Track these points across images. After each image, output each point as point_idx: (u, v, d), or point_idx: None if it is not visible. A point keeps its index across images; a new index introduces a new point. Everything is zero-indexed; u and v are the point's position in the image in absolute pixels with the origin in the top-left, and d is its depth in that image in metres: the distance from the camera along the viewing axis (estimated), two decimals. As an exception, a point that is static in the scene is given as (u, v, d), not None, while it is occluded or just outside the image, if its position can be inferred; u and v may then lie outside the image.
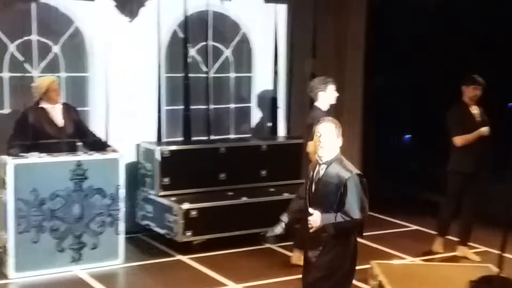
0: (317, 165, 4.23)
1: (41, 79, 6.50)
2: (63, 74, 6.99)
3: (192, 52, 7.71)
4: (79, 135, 6.54)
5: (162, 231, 6.96)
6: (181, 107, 7.68)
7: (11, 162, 5.87)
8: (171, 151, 7.15)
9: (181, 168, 7.12)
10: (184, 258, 6.62)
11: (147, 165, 7.21)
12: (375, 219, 8.31)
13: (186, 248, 6.74)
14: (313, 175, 4.25)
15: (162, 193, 7.03)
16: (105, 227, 6.28)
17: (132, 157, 7.25)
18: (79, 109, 6.79)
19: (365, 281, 5.72)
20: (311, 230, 4.18)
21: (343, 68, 8.42)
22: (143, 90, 7.36)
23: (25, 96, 6.57)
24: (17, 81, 6.74)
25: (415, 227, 7.93)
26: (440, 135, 6.95)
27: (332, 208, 4.11)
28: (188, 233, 6.73)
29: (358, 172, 4.21)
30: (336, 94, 6.42)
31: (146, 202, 7.21)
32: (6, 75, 6.73)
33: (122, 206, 6.41)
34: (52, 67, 6.91)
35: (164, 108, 7.57)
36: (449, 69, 8.35)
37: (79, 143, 6.55)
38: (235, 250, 6.84)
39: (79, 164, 6.13)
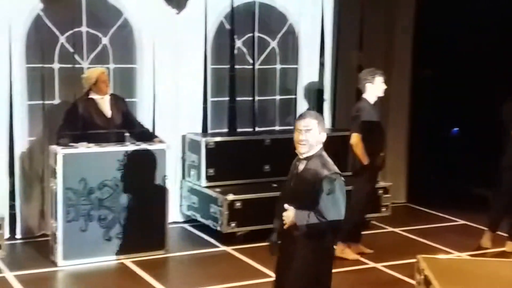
0: (298, 160, 4.06)
1: (90, 70, 6.61)
2: (111, 66, 7.08)
3: (239, 43, 7.73)
4: (127, 125, 6.63)
5: (206, 222, 7.02)
6: (227, 98, 7.71)
7: (60, 152, 5.98)
8: (216, 143, 7.19)
9: (226, 160, 7.15)
10: (228, 249, 6.66)
11: (192, 156, 7.27)
12: (421, 213, 8.23)
13: (230, 239, 6.78)
14: (292, 170, 4.09)
15: (207, 184, 7.08)
16: (151, 216, 6.36)
17: (178, 148, 7.32)
18: (127, 100, 6.88)
19: (411, 276, 5.65)
20: (284, 226, 4.01)
21: (391, 60, 8.31)
22: (189, 81, 7.40)
23: (75, 87, 6.69)
24: (67, 72, 6.86)
25: (462, 222, 7.80)
26: (489, 129, 6.81)
27: (308, 206, 3.90)
28: (233, 224, 6.76)
29: (337, 171, 3.98)
30: (384, 86, 6.35)
31: (192, 193, 7.27)
32: (56, 66, 6.86)
33: (168, 196, 6.48)
34: (101, 59, 7.01)
35: (210, 99, 7.62)
36: (502, 61, 8.17)
37: (127, 134, 6.65)
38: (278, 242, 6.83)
39: (126, 154, 6.22)
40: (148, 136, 6.63)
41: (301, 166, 4.00)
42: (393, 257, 6.41)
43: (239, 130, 7.74)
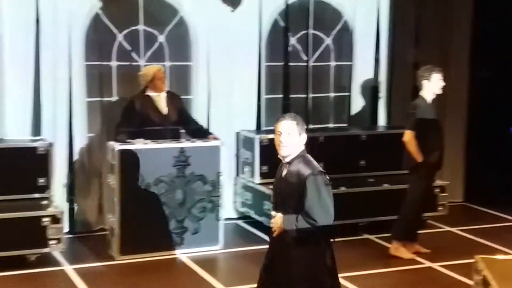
0: (282, 165, 3.99)
1: (147, 68, 6.71)
2: (167, 63, 7.18)
3: (293, 40, 7.72)
4: (182, 122, 6.71)
5: (260, 218, 7.04)
6: (281, 96, 7.71)
7: (118, 148, 6.10)
8: (270, 140, 7.19)
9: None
10: (282, 246, 6.66)
11: (246, 153, 7.30)
12: (479, 212, 8.07)
13: (284, 236, 6.78)
14: (278, 174, 4.02)
15: (261, 181, 7.10)
16: (206, 212, 6.43)
17: (232, 145, 7.37)
18: (182, 97, 6.96)
19: (469, 276, 5.55)
20: (274, 234, 3.94)
21: (448, 58, 8.15)
22: (243, 79, 7.44)
23: (132, 85, 6.80)
24: (125, 70, 6.98)
25: (521, 222, 7.63)
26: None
27: (295, 209, 3.83)
28: (286, 221, 6.76)
29: (320, 169, 3.89)
30: (441, 84, 6.25)
31: (245, 190, 7.31)
32: (114, 64, 6.99)
33: (222, 192, 6.53)
34: (157, 56, 7.11)
35: (264, 96, 7.63)
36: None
37: (182, 131, 6.73)
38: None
39: (182, 151, 6.29)
40: (203, 133, 6.69)
41: (284, 171, 3.94)
42: (449, 257, 6.30)
43: (293, 127, 7.72)
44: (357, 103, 8.07)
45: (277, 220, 3.91)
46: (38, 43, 6.58)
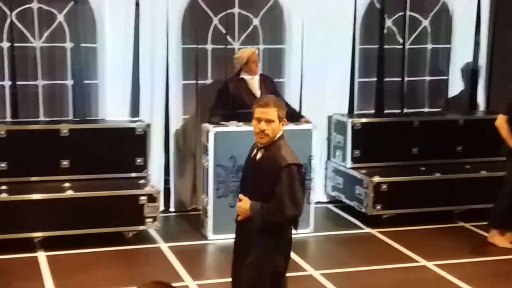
0: (256, 148, 3.84)
1: (242, 51, 6.77)
2: (261, 46, 7.22)
3: (389, 22, 7.57)
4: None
5: (351, 203, 7.00)
6: (375, 79, 7.60)
7: (212, 130, 6.22)
8: (363, 124, 7.12)
9: (373, 141, 7.07)
10: (373, 232, 6.61)
11: (338, 137, 7.26)
12: None
13: (375, 221, 6.72)
14: (250, 157, 3.85)
15: (353, 165, 7.05)
16: (297, 195, 6.44)
17: (324, 129, 7.34)
18: (275, 80, 6.99)
19: None
20: (238, 218, 3.83)
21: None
22: (337, 62, 7.37)
23: (226, 67, 6.89)
24: (219, 53, 7.08)
25: None
26: None
27: (264, 197, 3.71)
28: (378, 207, 6.69)
29: (297, 161, 3.73)
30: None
31: (337, 174, 7.28)
32: (209, 47, 7.09)
33: (313, 176, 6.53)
34: (251, 39, 7.16)
35: (357, 80, 7.54)
36: None
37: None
38: (425, 226, 6.68)
39: (274, 133, 6.32)
40: (295, 116, 6.70)
41: (259, 154, 3.80)
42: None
43: (386, 111, 7.61)
44: (455, 87, 7.83)
45: (244, 204, 3.81)
46: (137, 26, 6.77)
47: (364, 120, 7.18)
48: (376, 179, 6.70)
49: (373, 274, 5.61)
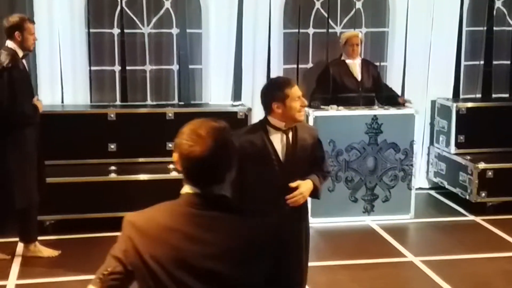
0: (268, 133, 3.63)
1: (344, 35, 6.74)
2: (363, 29, 7.14)
3: (498, 3, 7.28)
4: (376, 89, 6.69)
5: (454, 190, 6.84)
6: (482, 62, 7.34)
7: (312, 114, 6.25)
8: (468, 108, 6.92)
9: (478, 126, 6.86)
10: (477, 219, 6.44)
11: (442, 121, 7.09)
12: None
13: (479, 209, 6.55)
14: (267, 152, 3.60)
15: (457, 151, 6.88)
16: (397, 181, 6.39)
17: (427, 113, 7.19)
18: (377, 64, 6.92)
19: None
20: (295, 204, 3.62)
21: None
22: (442, 44, 7.18)
23: (327, 51, 6.89)
24: (321, 37, 7.07)
25: None
26: None
27: (304, 173, 3.68)
28: (483, 194, 6.51)
29: None
30: None
31: (440, 159, 7.12)
32: (311, 31, 7.09)
33: (415, 161, 6.44)
34: (354, 23, 7.10)
35: (463, 63, 7.32)
36: None
37: (376, 98, 6.70)
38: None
39: (375, 118, 6.29)
40: (397, 100, 6.62)
41: (284, 138, 3.64)
42: None
43: (494, 96, 7.35)
44: None
45: (304, 185, 3.63)
46: (240, 11, 6.87)
47: (469, 104, 6.98)
48: (481, 165, 6.51)
49: (476, 263, 5.49)
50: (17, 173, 5.23)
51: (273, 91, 3.68)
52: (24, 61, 5.37)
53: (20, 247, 5.54)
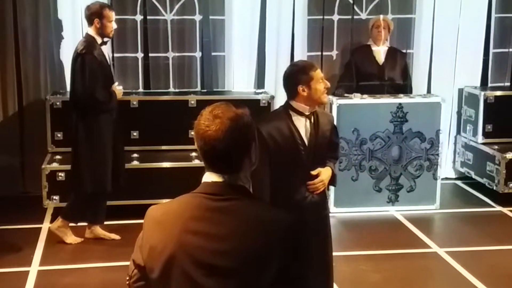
0: (296, 121, 3.62)
1: (372, 19, 6.65)
2: (390, 16, 7.01)
3: (529, -11, 7.11)
4: (401, 77, 6.58)
5: (481, 180, 6.71)
6: (511, 50, 7.17)
7: (335, 102, 6.16)
8: (497, 97, 6.77)
9: (506, 115, 6.72)
10: (505, 210, 6.32)
11: (469, 110, 6.95)
12: None
13: (507, 199, 6.42)
14: (297, 133, 3.60)
15: (484, 140, 6.75)
16: (422, 170, 6.28)
17: (454, 102, 7.06)
18: (403, 51, 6.79)
19: None
20: (317, 192, 3.65)
21: None
22: (470, 31, 7.02)
23: (352, 39, 6.78)
24: (346, 24, 6.95)
25: None
26: None
27: (327, 157, 3.74)
28: (510, 184, 6.38)
29: None
30: None
31: (466, 149, 6.99)
32: (336, 17, 6.99)
33: (441, 151, 6.32)
34: (380, 9, 6.97)
35: (492, 50, 7.16)
36: None
37: (401, 86, 6.59)
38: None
39: (400, 106, 6.18)
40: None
41: (312, 123, 3.64)
42: None
43: (524, 84, 7.20)
44: None
45: (325, 173, 3.68)
46: (264, -1, 6.81)
47: (498, 93, 6.83)
48: (509, 155, 6.37)
49: (503, 254, 5.39)
50: (89, 158, 5.24)
51: (298, 74, 3.67)
52: (104, 48, 5.39)
53: (44, 232, 5.57)
